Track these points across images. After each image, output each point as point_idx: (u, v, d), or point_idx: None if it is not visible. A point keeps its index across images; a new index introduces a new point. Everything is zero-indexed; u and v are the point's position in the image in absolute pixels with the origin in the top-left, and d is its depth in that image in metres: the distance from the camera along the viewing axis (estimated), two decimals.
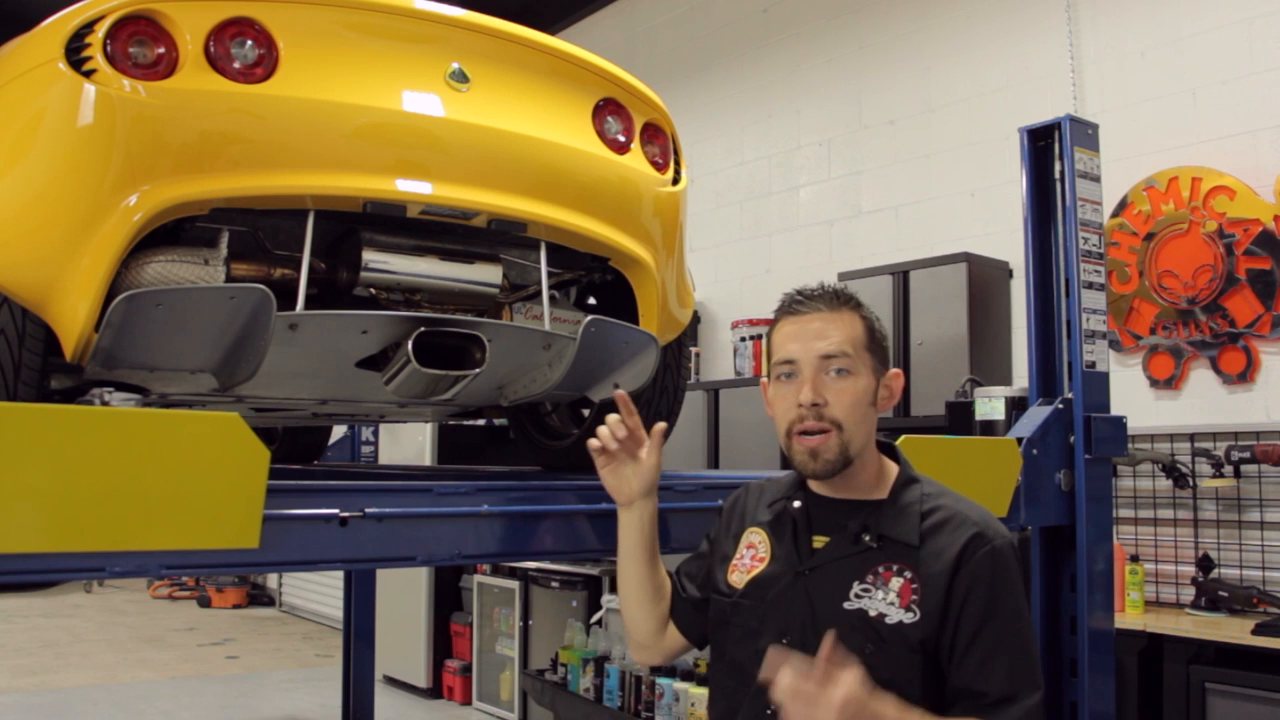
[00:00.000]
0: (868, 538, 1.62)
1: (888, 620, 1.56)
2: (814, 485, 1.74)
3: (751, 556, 1.73)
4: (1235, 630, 3.46)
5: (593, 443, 1.85)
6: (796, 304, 1.70)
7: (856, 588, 1.59)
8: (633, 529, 1.86)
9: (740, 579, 1.72)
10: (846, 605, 1.58)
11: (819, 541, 1.67)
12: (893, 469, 1.73)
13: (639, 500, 1.86)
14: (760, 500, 1.82)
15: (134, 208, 1.75)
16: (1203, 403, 4.13)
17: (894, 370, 1.74)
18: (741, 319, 5.60)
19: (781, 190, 6.10)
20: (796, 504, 1.72)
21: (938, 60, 5.32)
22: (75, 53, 1.75)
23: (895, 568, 1.59)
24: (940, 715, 1.54)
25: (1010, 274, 4.75)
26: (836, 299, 1.69)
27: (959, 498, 1.69)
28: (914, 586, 1.57)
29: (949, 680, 1.56)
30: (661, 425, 1.89)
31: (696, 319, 5.99)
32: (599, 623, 5.14)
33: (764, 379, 1.76)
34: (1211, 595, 3.76)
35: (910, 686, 1.54)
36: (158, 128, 1.77)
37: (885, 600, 1.57)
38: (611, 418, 1.84)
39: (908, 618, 1.55)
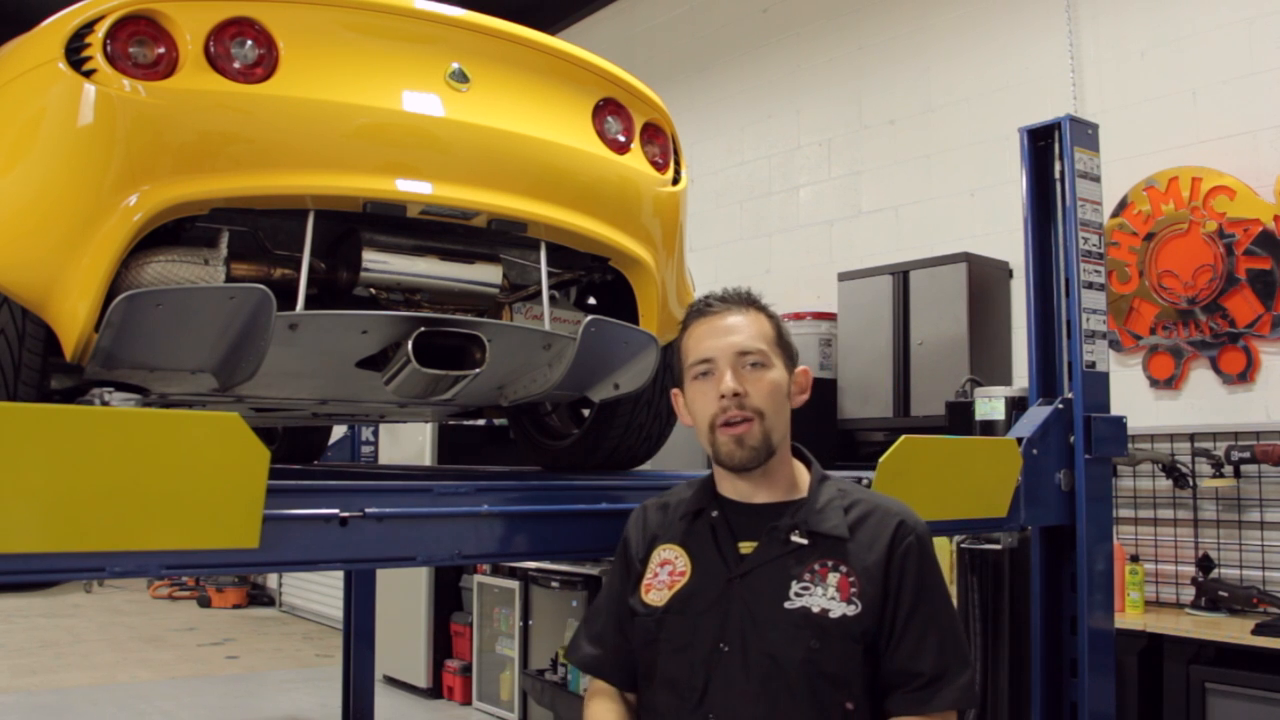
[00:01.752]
0: (797, 535, 1.65)
1: (831, 615, 1.59)
2: (728, 491, 1.75)
3: (669, 573, 1.72)
4: (1235, 630, 3.46)
5: None
6: (706, 307, 1.76)
7: (795, 586, 1.62)
8: None
9: (661, 596, 1.70)
10: (787, 605, 1.61)
11: (746, 547, 1.68)
12: (804, 471, 1.78)
13: None
14: (666, 516, 1.80)
15: (134, 208, 1.75)
16: (1203, 403, 4.12)
17: (802, 367, 1.79)
18: None
19: (781, 190, 6.09)
20: (714, 513, 1.73)
21: (938, 60, 5.32)
22: (75, 53, 1.75)
23: (830, 563, 1.63)
24: (876, 699, 1.61)
25: (1010, 274, 4.75)
26: (743, 300, 1.76)
27: (872, 492, 1.79)
28: (851, 580, 1.62)
29: (883, 664, 1.61)
30: None
31: None
32: None
33: (674, 390, 1.80)
34: (1211, 595, 3.76)
35: (855, 678, 1.59)
36: (158, 128, 1.77)
37: (826, 596, 1.61)
38: None
39: (850, 610, 1.60)
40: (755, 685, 1.58)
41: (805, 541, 1.65)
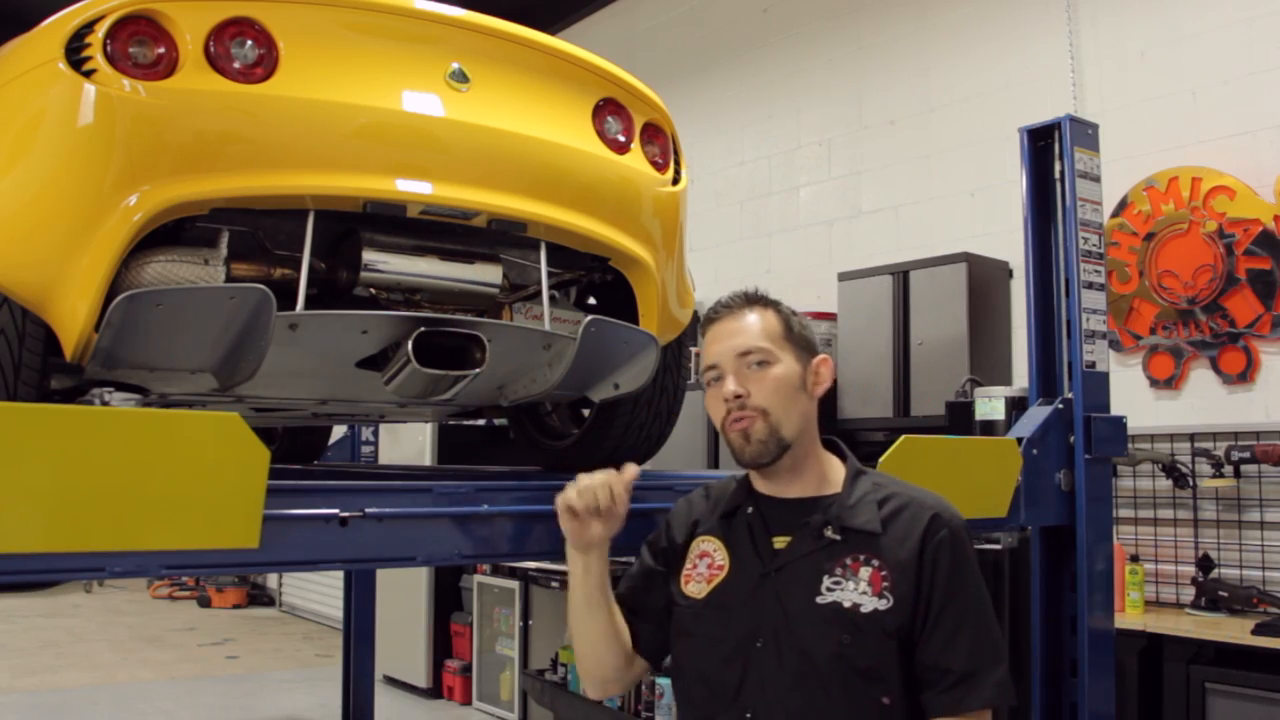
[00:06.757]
0: (830, 531, 1.66)
1: (863, 609, 1.60)
2: (762, 486, 1.78)
3: (708, 565, 1.75)
4: (1235, 630, 3.46)
5: (563, 501, 1.78)
6: (714, 314, 1.79)
7: (827, 581, 1.63)
8: (594, 573, 1.80)
9: (699, 589, 1.74)
10: (819, 600, 1.62)
11: (780, 542, 1.70)
12: (839, 465, 1.78)
13: (600, 545, 1.80)
14: (706, 508, 1.84)
15: (134, 208, 1.75)
16: (1203, 403, 4.12)
17: (821, 356, 1.80)
18: None
19: (781, 190, 6.09)
20: (750, 509, 1.76)
21: (938, 60, 5.32)
22: (75, 53, 1.75)
23: (862, 558, 1.64)
24: (914, 694, 1.61)
25: (1010, 274, 4.75)
26: (748, 300, 1.78)
27: (909, 485, 1.76)
28: (883, 574, 1.62)
29: (916, 657, 1.61)
30: (634, 468, 1.84)
31: (696, 319, 5.98)
32: None
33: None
34: (1211, 595, 3.76)
35: (890, 673, 1.59)
36: (158, 128, 1.77)
37: (858, 590, 1.61)
38: (596, 484, 1.77)
39: (882, 605, 1.60)
40: (789, 680, 1.60)
41: (838, 537, 1.66)
